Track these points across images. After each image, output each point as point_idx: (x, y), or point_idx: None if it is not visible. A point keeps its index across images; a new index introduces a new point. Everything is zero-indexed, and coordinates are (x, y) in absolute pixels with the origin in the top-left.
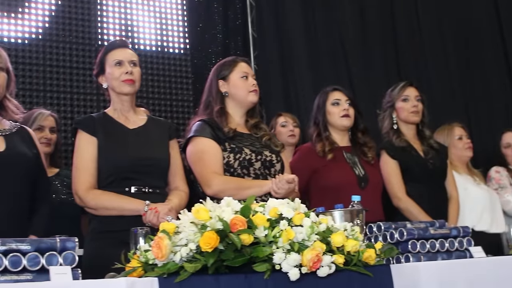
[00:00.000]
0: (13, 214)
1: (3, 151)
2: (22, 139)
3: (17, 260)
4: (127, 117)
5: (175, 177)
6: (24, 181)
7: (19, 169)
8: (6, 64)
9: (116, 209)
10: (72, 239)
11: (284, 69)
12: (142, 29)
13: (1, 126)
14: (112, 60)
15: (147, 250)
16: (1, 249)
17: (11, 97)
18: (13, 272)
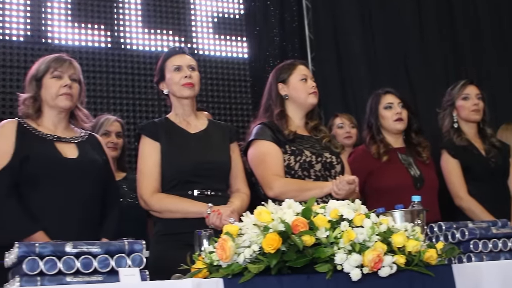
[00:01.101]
0: (86, 219)
1: (76, 158)
2: (92, 146)
3: (88, 262)
4: (188, 122)
5: (236, 180)
6: (95, 186)
7: (91, 175)
8: (79, 75)
9: (180, 212)
10: (140, 241)
11: (341, 70)
12: (200, 35)
13: (73, 134)
14: (171, 66)
15: (211, 251)
16: (73, 251)
17: (81, 106)
18: (84, 274)
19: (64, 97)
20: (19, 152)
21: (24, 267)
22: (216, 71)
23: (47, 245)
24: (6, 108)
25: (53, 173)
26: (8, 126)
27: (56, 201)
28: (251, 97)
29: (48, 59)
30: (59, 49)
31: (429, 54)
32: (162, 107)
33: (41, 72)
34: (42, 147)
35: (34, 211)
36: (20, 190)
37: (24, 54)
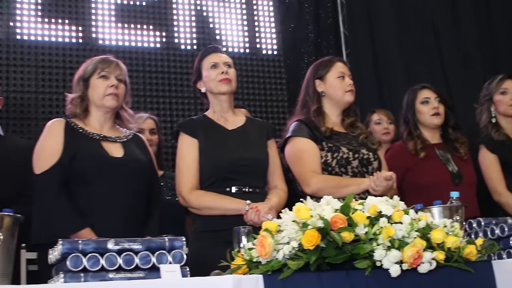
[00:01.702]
0: (131, 217)
1: (122, 157)
2: (137, 146)
3: (130, 259)
4: (226, 118)
5: (274, 177)
6: (141, 185)
7: (137, 174)
8: (125, 76)
9: (218, 209)
10: (180, 238)
11: (377, 66)
12: (236, 32)
13: (118, 134)
14: (208, 64)
15: (250, 248)
16: (115, 248)
17: (126, 106)
18: (126, 270)
19: (111, 97)
20: (68, 150)
21: (68, 264)
22: (251, 69)
23: (90, 242)
24: (53, 108)
25: (100, 171)
26: (57, 125)
27: (102, 199)
28: (286, 94)
29: (95, 60)
30: (103, 50)
31: (465, 49)
32: (198, 105)
33: (88, 72)
34: (89, 145)
35: (81, 208)
36: (69, 187)
37: (70, 55)
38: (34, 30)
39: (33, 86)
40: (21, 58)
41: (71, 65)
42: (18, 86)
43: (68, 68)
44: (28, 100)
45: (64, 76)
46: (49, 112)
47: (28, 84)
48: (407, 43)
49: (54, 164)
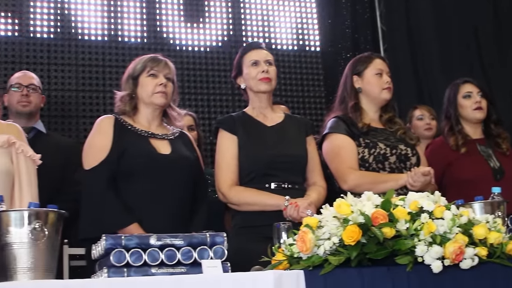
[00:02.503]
0: (178, 214)
1: (169, 154)
2: (184, 143)
3: (172, 254)
4: (265, 115)
5: (313, 173)
6: (188, 182)
7: (184, 171)
8: (173, 75)
9: (258, 205)
10: (221, 234)
11: (415, 61)
12: (278, 29)
13: (166, 131)
14: (249, 61)
15: (291, 244)
16: (157, 244)
17: (174, 105)
18: (168, 265)
19: (159, 95)
20: (117, 147)
21: (112, 259)
22: (289, 65)
23: (132, 238)
24: (93, 106)
25: (148, 168)
26: (106, 122)
27: (150, 196)
28: (324, 90)
29: (144, 59)
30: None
31: (504, 44)
32: (236, 102)
33: (137, 71)
34: (138, 142)
35: (129, 204)
36: (117, 183)
37: (109, 53)
38: (74, 30)
39: (74, 84)
40: (61, 57)
41: (110, 63)
42: (59, 85)
43: (107, 67)
44: (69, 98)
45: (103, 74)
46: (89, 110)
47: (68, 83)
48: (446, 37)
49: (103, 160)
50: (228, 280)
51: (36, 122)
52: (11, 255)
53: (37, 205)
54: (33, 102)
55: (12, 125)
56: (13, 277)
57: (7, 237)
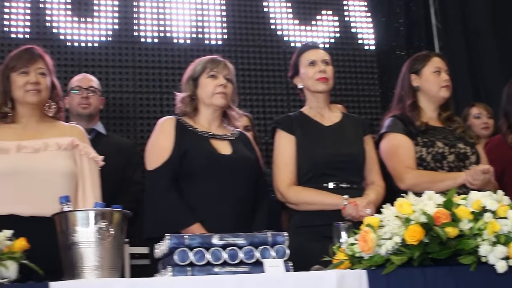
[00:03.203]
0: (240, 214)
1: (230, 154)
2: (244, 143)
3: (235, 254)
4: (322, 115)
5: (371, 172)
6: (249, 182)
7: (245, 171)
8: (232, 76)
9: (316, 204)
10: (282, 233)
11: (471, 58)
12: (327, 28)
13: (226, 132)
14: (306, 61)
15: (352, 243)
16: (220, 243)
17: (233, 105)
18: (231, 265)
19: (219, 95)
20: (178, 148)
21: (176, 258)
22: (343, 64)
23: (195, 237)
24: (150, 107)
25: (210, 168)
26: (168, 123)
27: (212, 196)
28: (379, 89)
29: (204, 60)
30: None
31: None
32: (291, 101)
33: (197, 72)
34: (199, 143)
35: (191, 204)
36: (179, 183)
37: (165, 55)
38: (131, 32)
39: (131, 86)
40: (119, 60)
41: (167, 65)
42: (117, 87)
43: (164, 68)
44: (127, 100)
45: (160, 76)
46: (146, 111)
47: (126, 85)
48: (503, 34)
49: (166, 161)
50: (291, 279)
51: (96, 123)
52: (78, 254)
53: (102, 205)
54: (92, 104)
55: (75, 127)
56: (80, 275)
57: (74, 236)
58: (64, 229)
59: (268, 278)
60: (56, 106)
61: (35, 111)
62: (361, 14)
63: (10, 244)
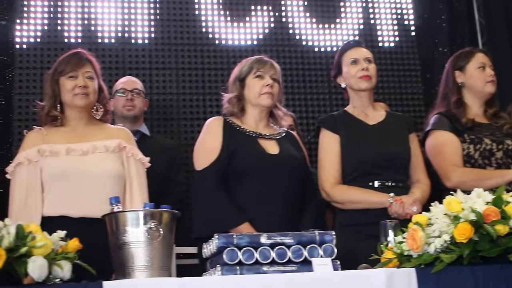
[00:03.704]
0: (288, 214)
1: (278, 154)
2: (290, 143)
3: (283, 253)
4: (366, 114)
5: (416, 171)
6: (296, 181)
7: (293, 170)
8: (279, 76)
9: (362, 202)
10: (329, 232)
11: None
12: (374, 27)
13: (273, 131)
14: (348, 59)
15: (400, 241)
16: (267, 242)
17: (280, 105)
18: (279, 264)
19: (266, 96)
20: (226, 147)
21: (225, 257)
22: (385, 62)
23: (243, 237)
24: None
25: (258, 168)
26: (215, 123)
27: (260, 195)
28: (421, 86)
29: (250, 61)
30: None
31: None
32: (334, 101)
33: (244, 72)
34: (247, 143)
35: (240, 203)
36: (227, 183)
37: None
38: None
39: (174, 87)
40: (162, 62)
41: (209, 66)
42: (160, 88)
43: (206, 69)
44: (170, 101)
45: (203, 77)
46: (189, 112)
47: (169, 86)
48: None
49: (214, 161)
50: (340, 278)
51: (140, 125)
52: (129, 254)
53: (152, 205)
54: (137, 106)
55: (122, 129)
56: (131, 275)
57: (125, 236)
58: (114, 230)
59: (317, 276)
60: (103, 109)
61: (83, 114)
62: (404, 11)
63: (63, 244)
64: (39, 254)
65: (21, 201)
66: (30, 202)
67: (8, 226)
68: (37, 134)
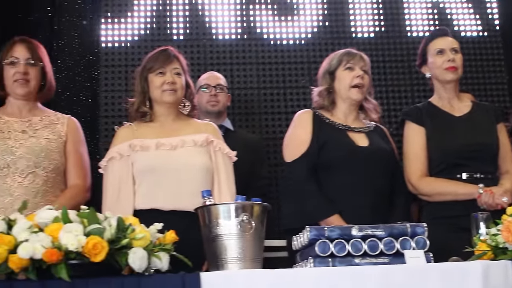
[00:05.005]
0: (378, 206)
1: (367, 146)
2: (379, 136)
3: (375, 245)
4: (452, 105)
5: (505, 161)
6: (386, 174)
7: (382, 163)
8: (368, 68)
9: (450, 194)
10: (421, 224)
11: None
12: (455, 16)
13: (361, 124)
14: (434, 49)
15: (495, 234)
16: (359, 234)
17: (370, 97)
18: (371, 256)
19: (356, 90)
20: (316, 140)
21: (317, 249)
22: (468, 52)
23: (335, 229)
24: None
25: (348, 160)
26: (305, 116)
27: (350, 187)
28: (506, 76)
29: (340, 53)
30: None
31: None
32: (415, 92)
33: (333, 65)
34: (337, 136)
35: (329, 195)
36: (317, 175)
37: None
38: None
39: (255, 82)
40: (243, 57)
41: (289, 60)
42: (241, 83)
43: (286, 63)
44: (251, 96)
45: (283, 71)
46: (270, 106)
47: (250, 81)
48: None
49: (304, 153)
50: (435, 270)
51: (224, 120)
52: (222, 246)
53: (243, 198)
54: (221, 102)
55: (209, 124)
56: (224, 267)
57: (217, 229)
58: (207, 222)
59: (412, 269)
60: (190, 104)
61: (172, 109)
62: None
63: (161, 236)
64: (139, 245)
65: (114, 194)
66: (123, 196)
67: (109, 218)
68: (127, 130)
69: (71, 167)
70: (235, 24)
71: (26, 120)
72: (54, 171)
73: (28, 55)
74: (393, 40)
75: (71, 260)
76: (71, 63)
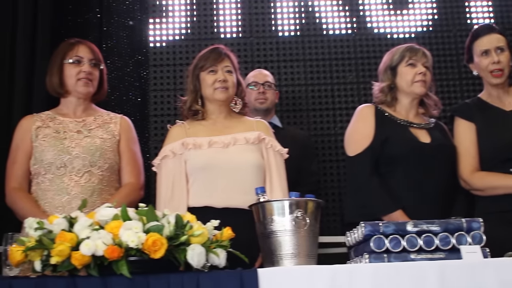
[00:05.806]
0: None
1: (430, 142)
2: (440, 132)
3: (430, 240)
4: (501, 100)
5: None
6: (448, 170)
7: (445, 159)
8: (430, 64)
9: (503, 188)
10: (477, 219)
11: None
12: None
13: (422, 120)
14: (479, 50)
15: None
16: (414, 230)
17: (430, 93)
18: (427, 251)
19: (419, 83)
20: (379, 135)
21: (372, 245)
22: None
23: (389, 225)
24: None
25: (411, 156)
26: (368, 110)
27: (413, 183)
28: None
29: (401, 49)
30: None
31: None
32: (464, 86)
33: (395, 61)
34: (399, 131)
35: (392, 190)
36: (380, 170)
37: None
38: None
39: (302, 79)
40: (290, 54)
41: (336, 56)
42: (289, 80)
43: (333, 59)
44: (299, 93)
45: (330, 67)
46: (318, 103)
47: (297, 78)
48: None
49: (367, 147)
50: (493, 266)
51: (272, 117)
52: (276, 242)
53: (297, 195)
54: (269, 99)
55: (260, 121)
56: (279, 263)
57: (272, 225)
58: (261, 219)
59: (469, 264)
60: (242, 102)
61: (223, 107)
62: None
63: (218, 233)
64: (197, 242)
65: (167, 192)
66: (176, 193)
67: (168, 216)
68: (180, 128)
69: (125, 166)
70: (281, 22)
71: (81, 120)
72: (109, 170)
73: (92, 56)
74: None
75: (131, 256)
76: (121, 63)
